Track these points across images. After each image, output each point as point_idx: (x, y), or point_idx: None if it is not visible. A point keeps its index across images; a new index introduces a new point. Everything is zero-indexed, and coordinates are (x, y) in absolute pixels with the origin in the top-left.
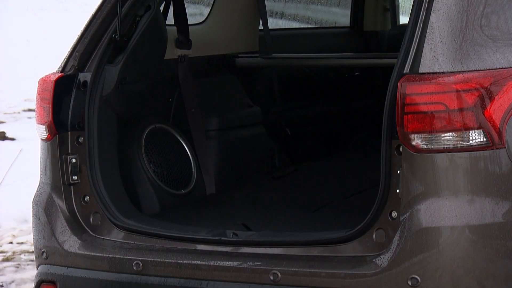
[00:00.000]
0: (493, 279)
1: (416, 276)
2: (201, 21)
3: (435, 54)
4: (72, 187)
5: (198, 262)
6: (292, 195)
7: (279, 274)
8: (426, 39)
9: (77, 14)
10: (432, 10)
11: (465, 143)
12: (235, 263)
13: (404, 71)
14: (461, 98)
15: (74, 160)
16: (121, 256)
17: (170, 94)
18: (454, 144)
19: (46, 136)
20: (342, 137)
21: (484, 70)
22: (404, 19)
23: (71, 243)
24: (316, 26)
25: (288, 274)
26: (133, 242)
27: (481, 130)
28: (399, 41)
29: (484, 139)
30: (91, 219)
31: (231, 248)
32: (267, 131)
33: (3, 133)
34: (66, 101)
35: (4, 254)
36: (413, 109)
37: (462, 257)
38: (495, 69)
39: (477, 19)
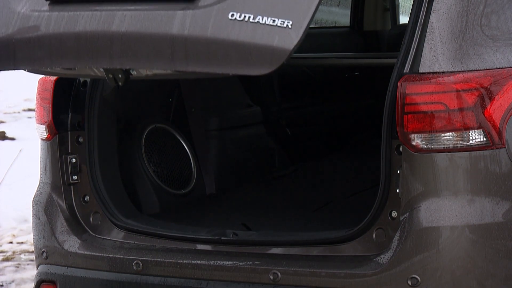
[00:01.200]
0: (493, 279)
1: (416, 276)
2: None
3: (435, 54)
4: (72, 187)
5: (198, 261)
6: (292, 195)
7: (279, 274)
8: (426, 39)
9: None
10: (432, 10)
11: (465, 143)
12: (235, 263)
13: (404, 71)
14: (461, 98)
15: (74, 160)
16: (121, 256)
17: (170, 94)
18: (454, 144)
19: (46, 136)
20: (342, 137)
21: (484, 70)
22: (404, 19)
23: (71, 243)
24: (316, 26)
25: (288, 274)
26: (133, 242)
27: (481, 130)
28: (399, 41)
29: (484, 139)
30: (91, 219)
31: (231, 247)
32: (267, 131)
33: (3, 132)
34: (66, 101)
35: (4, 253)
36: (413, 109)
37: (462, 257)
38: (495, 68)
39: (477, 19)
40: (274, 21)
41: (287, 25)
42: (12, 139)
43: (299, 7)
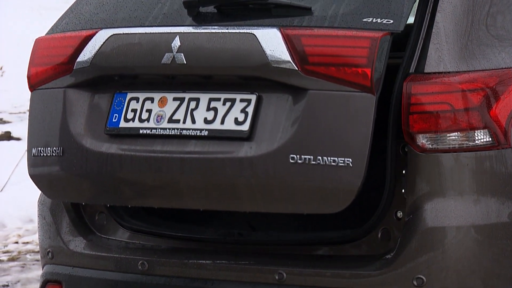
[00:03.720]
0: (499, 279)
1: (421, 276)
2: None
3: (441, 54)
4: None
5: (204, 261)
6: None
7: (285, 274)
8: (431, 39)
9: None
10: (437, 9)
11: (471, 143)
12: (240, 263)
13: (410, 71)
14: (466, 98)
15: None
16: (126, 256)
17: None
18: (459, 144)
19: None
20: None
21: (490, 69)
22: (409, 19)
23: (77, 243)
24: None
25: (293, 274)
26: (138, 242)
27: (486, 130)
28: (404, 41)
29: (490, 139)
30: (96, 219)
31: (236, 247)
32: None
33: (9, 133)
34: None
35: (9, 254)
36: (419, 109)
37: (468, 257)
38: (500, 68)
39: (482, 19)
40: (334, 161)
41: (348, 163)
42: (18, 139)
43: (354, 142)
